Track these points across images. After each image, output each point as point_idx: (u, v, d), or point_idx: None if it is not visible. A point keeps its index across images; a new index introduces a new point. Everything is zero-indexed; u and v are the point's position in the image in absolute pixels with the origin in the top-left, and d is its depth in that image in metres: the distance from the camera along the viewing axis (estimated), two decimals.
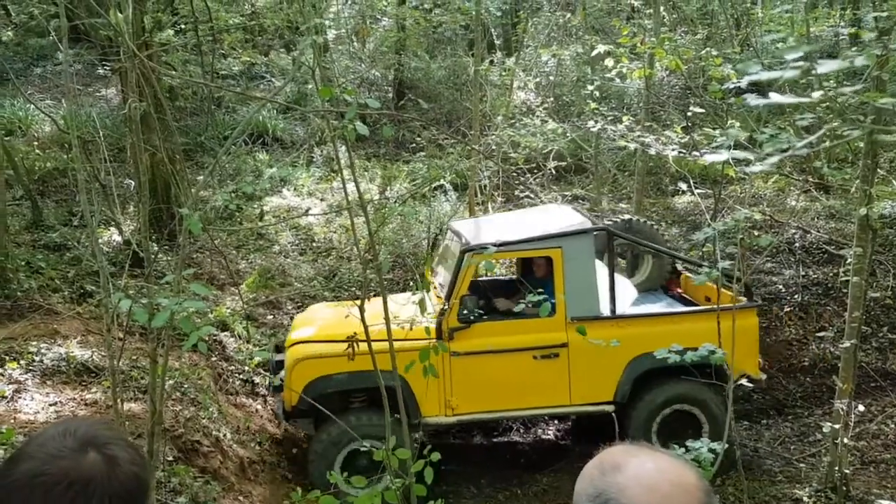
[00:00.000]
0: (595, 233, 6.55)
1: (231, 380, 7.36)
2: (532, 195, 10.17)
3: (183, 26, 12.50)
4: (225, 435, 6.17)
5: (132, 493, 1.15)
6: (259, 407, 7.29)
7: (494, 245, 6.31)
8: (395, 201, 10.75)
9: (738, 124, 5.67)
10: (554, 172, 10.82)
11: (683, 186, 7.37)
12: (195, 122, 12.61)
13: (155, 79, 4.06)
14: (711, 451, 3.75)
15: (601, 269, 6.55)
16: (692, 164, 8.43)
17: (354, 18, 14.88)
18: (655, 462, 1.18)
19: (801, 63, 1.96)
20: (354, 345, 4.37)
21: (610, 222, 7.42)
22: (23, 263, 7.62)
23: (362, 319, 4.34)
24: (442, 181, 10.73)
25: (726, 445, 4.34)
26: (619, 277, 6.75)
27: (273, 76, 14.34)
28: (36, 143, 12.30)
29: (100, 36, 11.36)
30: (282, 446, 6.89)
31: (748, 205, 8.79)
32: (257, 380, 7.57)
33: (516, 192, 10.43)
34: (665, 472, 1.17)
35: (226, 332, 7.80)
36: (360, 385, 6.06)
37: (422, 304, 3.93)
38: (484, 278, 7.15)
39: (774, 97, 2.04)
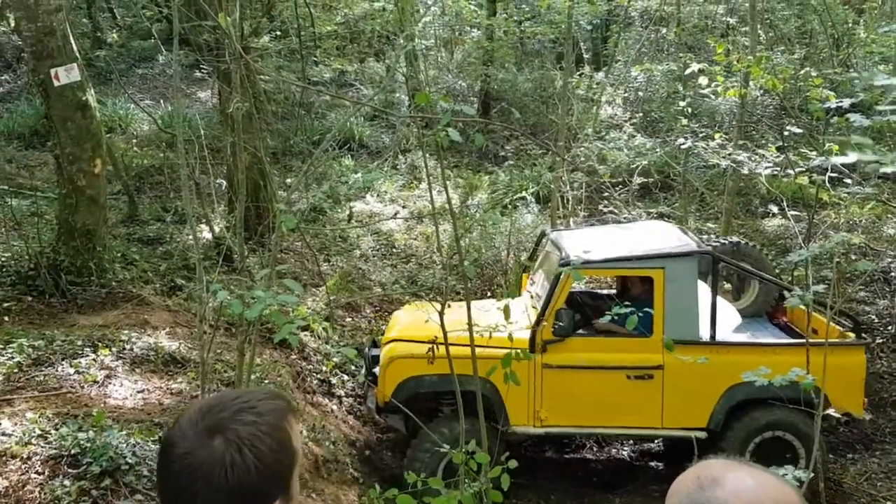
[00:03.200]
0: (700, 255, 6.40)
1: (309, 379, 7.48)
2: (616, 211, 10.04)
3: (278, 32, 12.86)
4: (301, 432, 6.27)
5: (251, 480, 1.22)
6: (334, 407, 7.40)
7: (595, 261, 6.30)
8: (477, 211, 10.77)
9: (836, 147, 5.47)
10: (639, 188, 10.65)
11: (775, 209, 7.15)
12: (285, 125, 12.94)
13: (256, 80, 4.20)
14: (797, 479, 3.61)
15: (704, 292, 6.40)
16: (785, 185, 8.17)
17: (444, 29, 15.03)
18: (755, 478, 1.15)
19: None
20: (434, 348, 4.39)
21: (717, 244, 7.20)
22: (118, 255, 7.94)
23: (442, 325, 4.36)
24: (524, 192, 10.71)
25: (812, 475, 4.17)
26: (722, 303, 6.56)
27: (362, 84, 14.60)
28: (134, 140, 12.86)
29: (199, 40, 11.80)
30: (354, 447, 6.96)
31: (843, 230, 8.46)
32: (334, 380, 7.68)
33: (600, 207, 10.32)
34: (766, 487, 1.14)
35: (305, 332, 7.95)
36: (449, 388, 6.01)
37: (506, 311, 3.92)
38: (580, 289, 7.10)
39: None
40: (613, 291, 7.39)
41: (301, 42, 7.07)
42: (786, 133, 6.23)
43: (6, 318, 6.70)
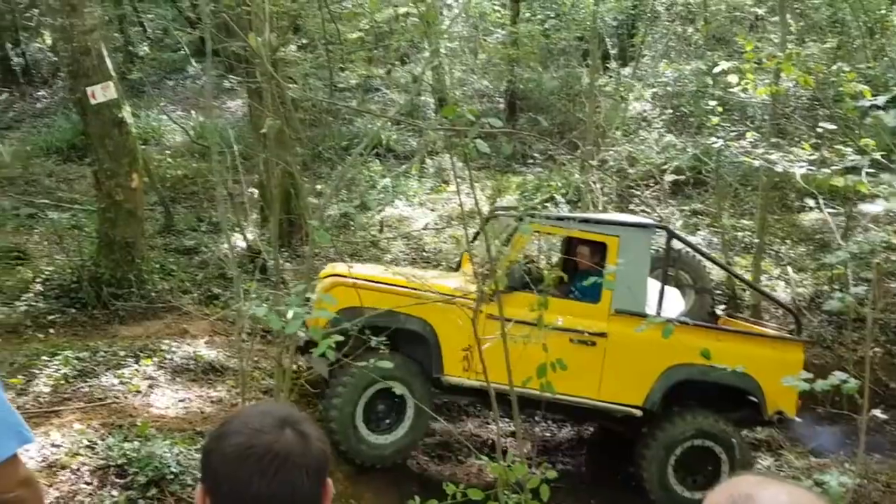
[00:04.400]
0: (655, 231, 6.50)
1: None
2: (648, 209, 9.98)
3: (304, 40, 12.98)
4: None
5: (321, 465, 1.29)
6: None
7: (554, 218, 6.27)
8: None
9: (873, 143, 5.40)
10: (671, 186, 10.58)
11: (811, 202, 7.07)
12: (313, 132, 13.06)
13: (287, 97, 4.28)
14: (842, 485, 3.59)
15: (653, 283, 6.39)
16: (821, 180, 8.06)
17: (468, 30, 15.04)
18: (790, 494, 1.13)
19: None
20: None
21: (659, 251, 7.18)
22: (157, 266, 8.10)
23: (475, 331, 4.40)
24: (553, 194, 10.69)
25: (858, 480, 4.14)
26: (670, 289, 6.55)
27: (388, 88, 14.67)
28: (168, 151, 13.07)
29: (228, 52, 11.95)
30: None
31: (884, 223, 8.32)
32: None
33: (631, 206, 10.27)
34: (801, 502, 1.14)
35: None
36: (388, 324, 5.57)
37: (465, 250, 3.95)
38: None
39: None
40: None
41: (328, 53, 7.15)
42: (819, 129, 6.15)
43: (51, 331, 6.89)
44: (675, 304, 6.77)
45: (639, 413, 6.19)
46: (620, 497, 6.82)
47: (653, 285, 6.39)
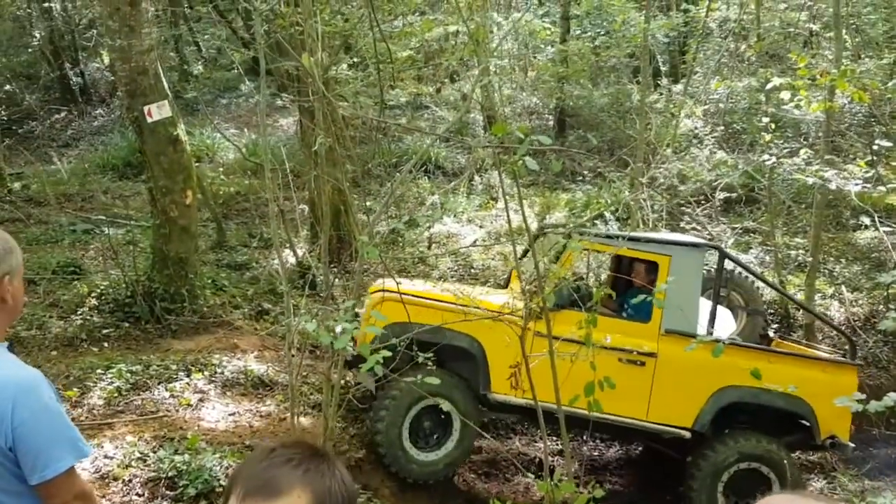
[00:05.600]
0: (707, 250, 6.38)
1: None
2: (699, 227, 9.85)
3: (355, 59, 13.16)
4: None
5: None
6: None
7: (603, 236, 6.22)
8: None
9: None
10: (722, 203, 10.42)
11: (867, 220, 6.91)
12: (363, 149, 13.20)
13: (338, 116, 4.34)
14: None
15: (704, 303, 6.31)
16: (877, 198, 7.88)
17: (518, 48, 15.09)
18: None
19: None
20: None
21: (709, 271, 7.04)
22: (209, 281, 8.24)
23: (522, 348, 4.39)
24: (602, 211, 10.62)
25: None
26: (722, 309, 6.44)
27: (437, 106, 14.77)
28: (221, 168, 13.34)
29: (280, 70, 12.18)
30: None
31: None
32: None
33: (681, 224, 10.14)
34: None
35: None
36: (435, 340, 5.55)
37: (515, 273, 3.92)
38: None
39: None
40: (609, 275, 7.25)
41: (379, 71, 7.23)
42: (875, 147, 6.00)
43: (105, 344, 7.04)
44: (726, 324, 6.67)
45: (687, 435, 6.09)
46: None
47: (704, 305, 6.30)
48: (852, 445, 6.21)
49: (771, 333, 7.41)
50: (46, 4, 16.76)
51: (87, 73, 18.30)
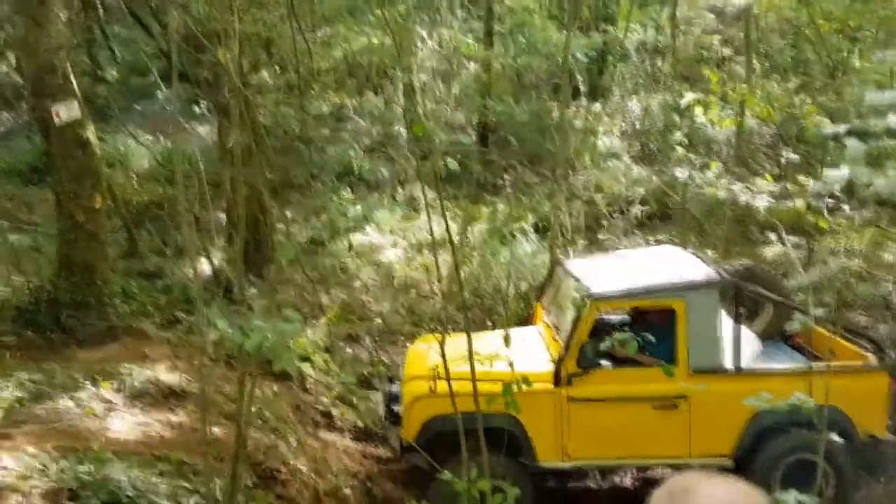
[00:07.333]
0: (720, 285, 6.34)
1: (310, 411, 7.45)
2: (615, 239, 10.07)
3: (277, 68, 13.00)
4: (302, 465, 6.23)
5: None
6: (336, 439, 7.35)
7: (617, 294, 6.30)
8: (475, 241, 10.80)
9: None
10: (637, 218, 10.69)
11: (773, 236, 7.15)
12: (284, 160, 13.01)
13: (255, 114, 4.24)
14: (800, 502, 3.57)
15: (724, 319, 6.37)
16: (783, 213, 8.22)
17: (441, 62, 15.17)
18: (725, 487, 1.16)
19: None
20: (436, 380, 4.38)
21: (731, 270, 7.07)
22: (118, 289, 7.94)
23: (442, 355, 4.36)
24: (523, 222, 10.73)
25: (818, 500, 4.13)
26: (743, 330, 6.54)
27: (361, 117, 14.70)
28: (134, 176, 12.92)
29: (198, 75, 11.93)
30: (356, 479, 6.91)
31: (842, 257, 8.49)
32: (335, 412, 7.64)
33: (599, 236, 10.35)
34: (735, 496, 1.15)
35: (306, 364, 7.91)
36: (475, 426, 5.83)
37: (506, 340, 3.93)
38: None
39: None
40: (626, 318, 7.33)
41: (300, 76, 7.15)
42: (783, 161, 6.26)
43: (6, 354, 6.69)
44: (751, 345, 6.69)
45: (731, 464, 6.15)
46: None
47: (727, 324, 6.34)
48: (893, 437, 6.34)
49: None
50: None
51: None
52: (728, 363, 6.22)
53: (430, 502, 5.97)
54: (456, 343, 4.80)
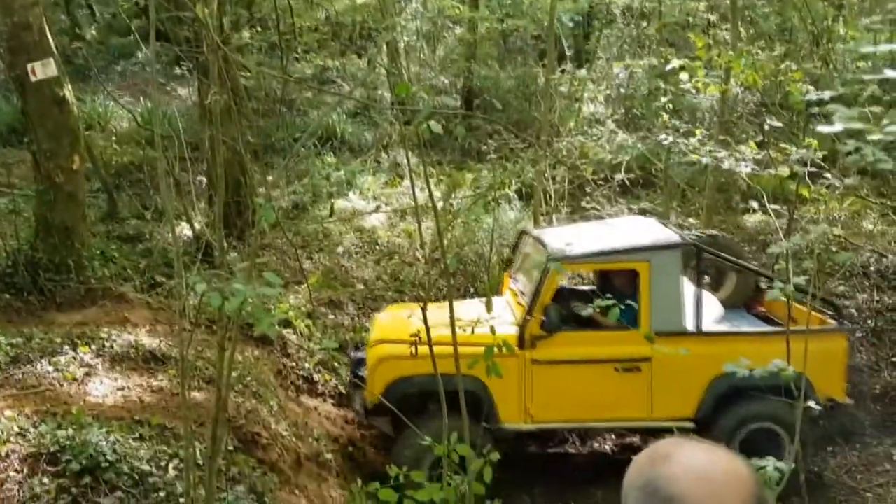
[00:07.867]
0: (682, 248, 6.43)
1: (291, 376, 7.44)
2: (598, 207, 10.06)
3: (258, 28, 12.77)
4: (283, 429, 6.24)
5: None
6: (317, 404, 7.36)
7: (581, 255, 6.33)
8: (460, 207, 10.76)
9: (815, 143, 5.51)
10: (621, 185, 10.68)
11: (755, 204, 7.18)
12: (266, 123, 12.86)
13: (234, 71, 4.17)
14: (778, 469, 3.63)
15: (687, 284, 6.45)
16: (765, 181, 8.24)
17: (426, 24, 14.98)
18: (707, 453, 1.17)
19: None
20: (417, 345, 4.38)
21: (694, 237, 7.19)
22: (98, 252, 7.85)
23: (425, 321, 4.35)
24: (507, 189, 10.69)
25: (793, 466, 4.20)
26: (705, 294, 6.62)
27: (344, 80, 14.54)
28: (114, 138, 12.72)
29: (178, 37, 11.73)
30: (337, 443, 6.94)
31: (823, 225, 8.54)
32: (316, 377, 7.64)
33: (583, 203, 10.34)
34: (717, 462, 1.15)
35: (288, 329, 7.89)
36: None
37: (488, 304, 3.92)
38: (563, 286, 7.12)
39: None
40: (594, 288, 7.40)
41: (280, 35, 7.00)
42: (766, 128, 6.26)
43: None
44: (713, 309, 6.79)
45: (692, 426, 6.24)
46: (565, 486, 6.85)
47: (689, 289, 6.40)
48: (851, 401, 6.53)
49: (763, 286, 7.44)
50: None
51: None
52: (690, 325, 6.28)
53: (394, 463, 6.04)
54: (429, 312, 4.78)
